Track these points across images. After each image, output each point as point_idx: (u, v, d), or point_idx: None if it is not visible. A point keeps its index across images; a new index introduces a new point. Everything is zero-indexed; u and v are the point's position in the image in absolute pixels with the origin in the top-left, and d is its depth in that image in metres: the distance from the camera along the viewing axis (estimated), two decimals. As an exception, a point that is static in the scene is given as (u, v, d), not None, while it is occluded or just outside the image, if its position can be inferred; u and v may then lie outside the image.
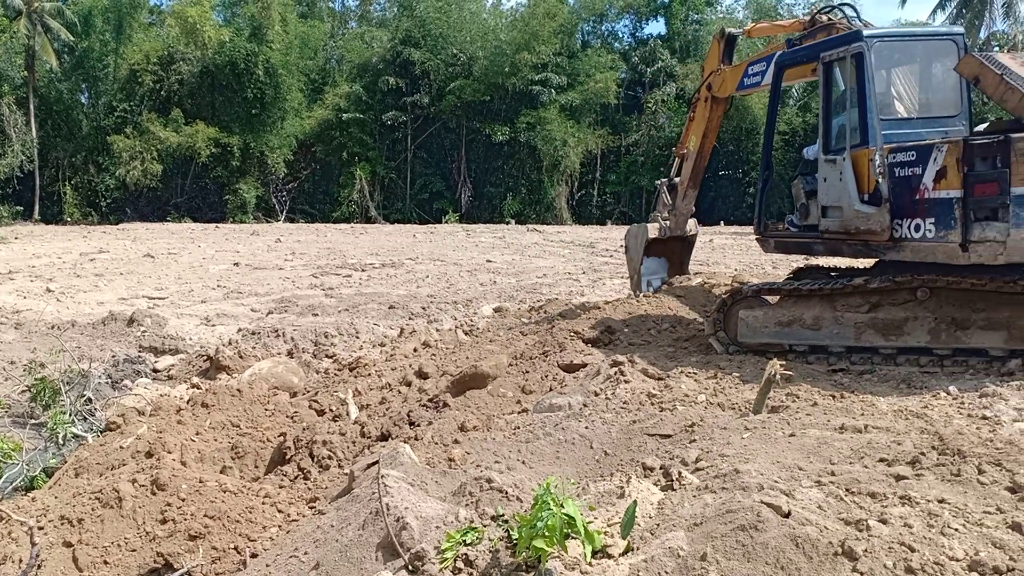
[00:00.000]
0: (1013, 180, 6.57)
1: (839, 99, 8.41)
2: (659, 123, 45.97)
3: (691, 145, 12.44)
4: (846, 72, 8.12)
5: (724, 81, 11.75)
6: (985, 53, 8.32)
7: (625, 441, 6.00)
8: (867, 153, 7.75)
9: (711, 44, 12.54)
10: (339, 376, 9.37)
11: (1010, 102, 7.07)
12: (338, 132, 47.53)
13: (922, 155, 7.27)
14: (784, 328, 8.42)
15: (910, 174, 7.35)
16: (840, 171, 8.00)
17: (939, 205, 7.09)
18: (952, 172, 6.94)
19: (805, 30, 10.01)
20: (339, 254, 23.73)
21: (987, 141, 6.79)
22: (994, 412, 6.20)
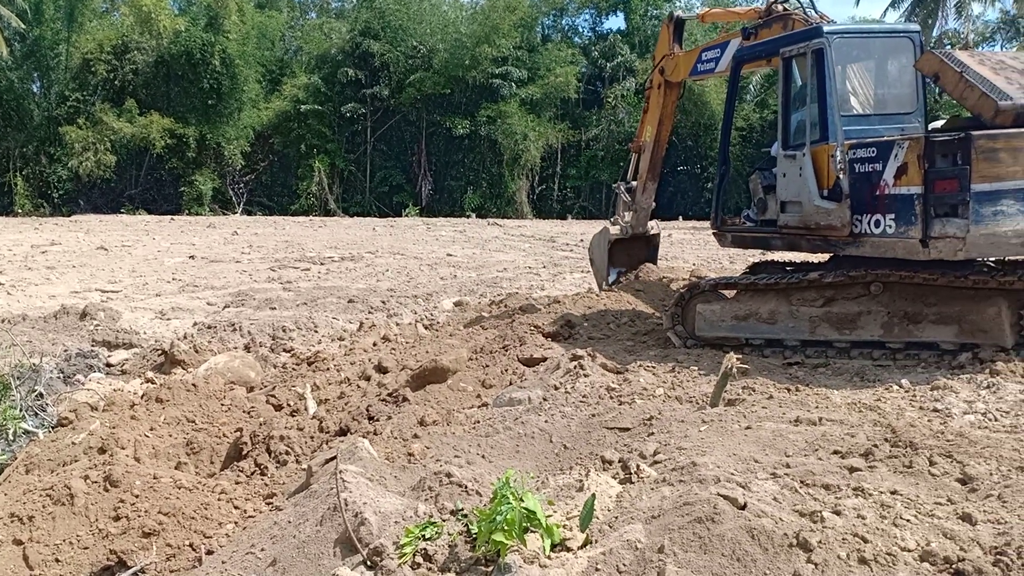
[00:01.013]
0: (973, 177, 6.67)
1: (798, 94, 8.48)
2: (619, 118, 46.14)
3: (647, 136, 12.42)
4: (806, 68, 8.18)
5: (677, 65, 11.75)
6: (944, 50, 8.47)
7: (584, 435, 6.03)
8: (827, 149, 7.84)
9: (661, 29, 12.56)
10: (297, 370, 9.28)
11: (970, 99, 7.18)
12: (296, 124, 47.03)
13: (883, 151, 7.36)
14: (741, 322, 8.51)
15: (870, 170, 7.44)
16: (800, 166, 8.08)
17: (899, 201, 7.18)
18: (913, 168, 7.03)
19: (760, 19, 10.04)
20: (297, 247, 23.52)
21: (948, 138, 6.89)
22: (945, 405, 6.33)
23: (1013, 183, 6.73)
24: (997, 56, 7.99)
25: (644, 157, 12.43)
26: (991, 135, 6.75)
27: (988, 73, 7.16)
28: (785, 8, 9.78)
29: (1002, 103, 6.84)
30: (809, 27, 8.74)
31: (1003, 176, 6.71)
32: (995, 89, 6.92)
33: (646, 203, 12.56)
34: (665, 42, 12.07)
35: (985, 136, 6.72)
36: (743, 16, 11.51)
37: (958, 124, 7.77)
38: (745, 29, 10.11)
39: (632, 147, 12.92)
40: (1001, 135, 6.76)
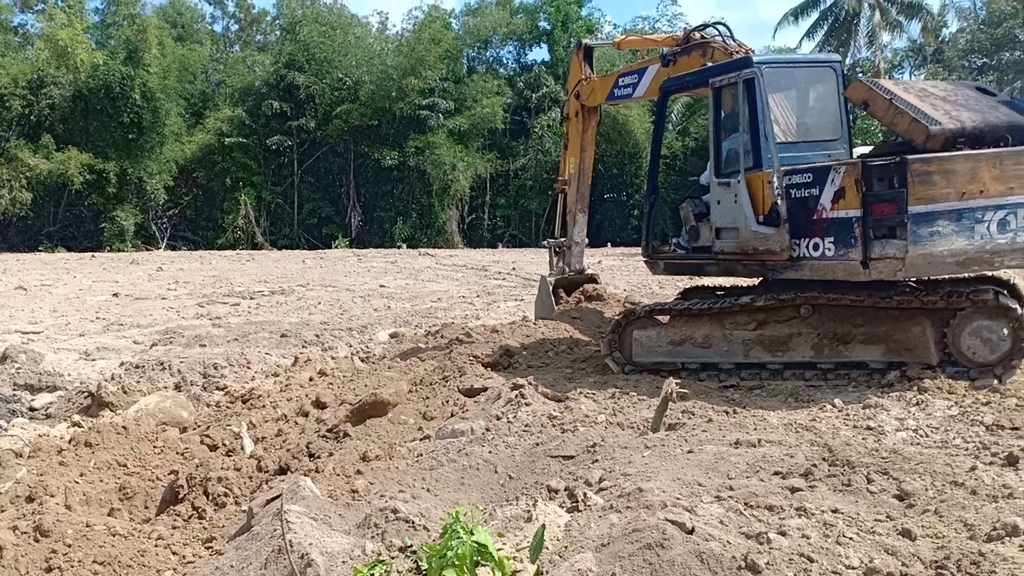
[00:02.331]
0: (910, 199, 6.91)
1: (729, 123, 8.65)
2: (546, 147, 46.57)
3: (571, 168, 12.52)
4: (737, 97, 8.36)
5: (593, 90, 11.93)
6: (872, 79, 8.81)
7: (529, 464, 6.02)
8: (761, 175, 8.02)
9: (571, 58, 12.75)
10: (232, 409, 9.07)
11: (900, 125, 7.48)
12: (221, 157, 46.28)
13: (819, 177, 7.57)
14: (676, 347, 8.65)
15: (807, 195, 7.64)
16: (735, 194, 8.25)
17: (838, 224, 7.38)
18: (851, 192, 7.25)
19: (679, 46, 10.25)
20: (225, 282, 23.06)
21: (885, 163, 7.14)
22: (878, 423, 6.52)
23: (947, 204, 6.99)
24: (919, 84, 8.38)
25: (571, 190, 12.51)
26: (925, 159, 7.02)
27: (914, 100, 7.48)
28: (703, 36, 10.02)
29: (932, 128, 7.17)
30: (738, 57, 8.98)
31: (937, 198, 6.97)
32: (924, 115, 7.24)
33: (579, 236, 12.65)
34: (577, 69, 12.28)
35: (920, 160, 6.99)
36: (660, 43, 11.77)
37: (887, 149, 8.06)
38: (664, 56, 10.34)
39: (558, 187, 13.00)
40: (934, 159, 7.04)
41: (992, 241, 7.17)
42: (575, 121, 12.38)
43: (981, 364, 7.54)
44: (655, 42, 12.85)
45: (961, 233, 7.07)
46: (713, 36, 9.99)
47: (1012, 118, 7.69)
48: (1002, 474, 4.87)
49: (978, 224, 7.10)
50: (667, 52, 10.39)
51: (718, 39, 9.87)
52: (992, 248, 7.18)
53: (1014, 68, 37.38)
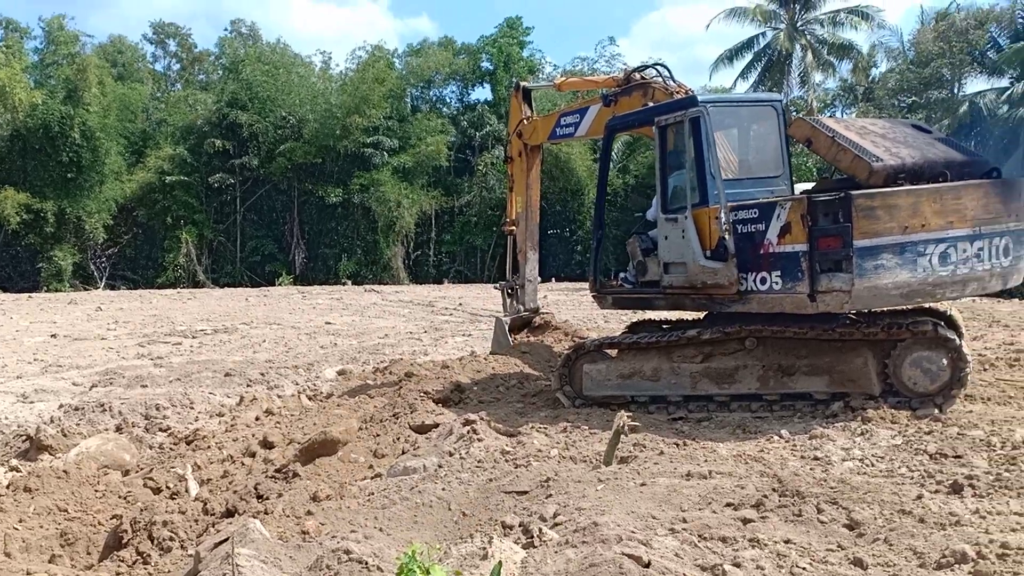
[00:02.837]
0: (855, 234, 7.07)
1: (675, 161, 8.78)
2: (490, 184, 46.85)
3: (518, 207, 12.66)
4: (683, 135, 8.49)
5: (536, 129, 12.14)
6: (814, 118, 9.07)
7: (483, 500, 6.00)
8: (708, 211, 8.14)
9: (511, 100, 12.89)
10: (175, 450, 8.87)
11: (843, 162, 7.68)
12: (162, 195, 45.54)
13: (765, 212, 7.71)
14: (626, 380, 8.72)
15: (753, 230, 7.77)
16: (682, 229, 8.36)
17: (785, 259, 7.51)
18: (797, 227, 7.39)
19: (619, 87, 10.46)
20: (167, 321, 22.60)
21: (830, 198, 7.29)
22: (824, 453, 6.63)
23: (890, 238, 7.18)
24: (859, 122, 8.65)
25: (520, 228, 12.63)
26: (869, 195, 7.21)
27: (855, 137, 7.71)
28: (643, 77, 10.22)
29: (875, 164, 7.40)
30: (683, 97, 9.17)
31: (881, 232, 7.15)
32: (866, 152, 7.47)
33: (531, 275, 12.73)
34: (517, 110, 12.48)
35: (863, 196, 7.18)
36: (601, 84, 12.00)
37: (830, 185, 8.28)
38: (606, 96, 10.53)
39: (506, 228, 13.09)
40: (877, 194, 7.24)
41: (934, 274, 7.37)
42: (519, 161, 12.54)
43: (922, 394, 7.73)
44: (596, 83, 13.08)
45: (904, 266, 7.25)
46: (653, 77, 10.21)
47: (948, 154, 7.98)
48: (948, 502, 4.98)
49: (920, 257, 7.30)
50: (608, 93, 10.58)
51: (658, 80, 10.08)
52: (934, 280, 7.39)
53: (942, 106, 38.79)
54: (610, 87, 10.97)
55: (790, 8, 44.29)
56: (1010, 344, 11.67)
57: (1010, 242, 7.78)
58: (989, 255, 7.63)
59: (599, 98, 10.94)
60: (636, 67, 10.73)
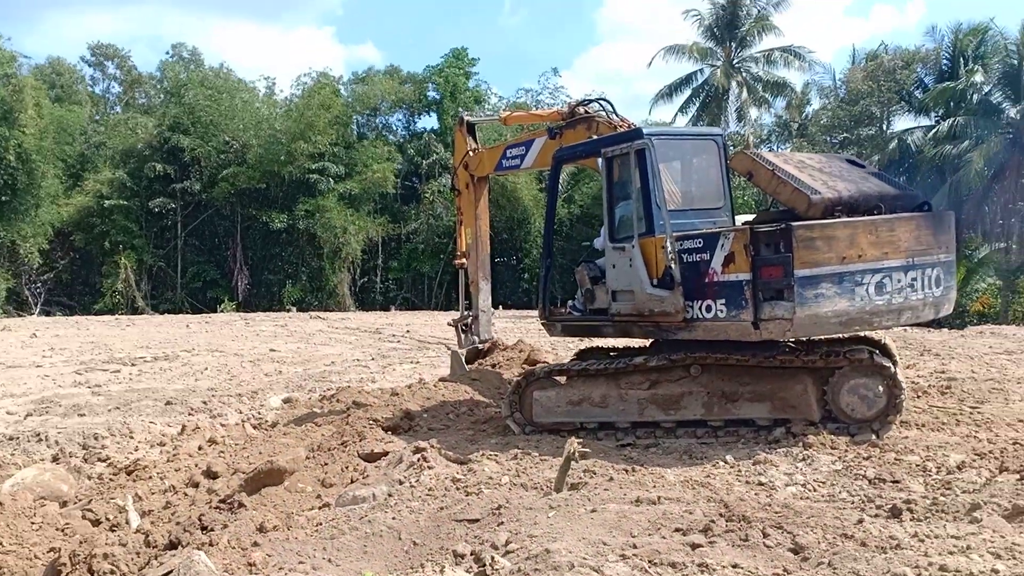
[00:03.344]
0: (796, 263, 7.26)
1: (621, 191, 8.93)
2: (437, 212, 46.94)
3: (468, 239, 12.75)
4: (629, 166, 8.65)
5: (482, 161, 12.30)
6: (754, 151, 9.33)
7: (434, 529, 5.99)
8: (654, 241, 8.29)
9: (455, 133, 13.02)
10: (115, 481, 8.68)
11: (783, 194, 7.90)
12: (100, 219, 44.63)
13: (709, 242, 7.88)
14: (575, 407, 8.79)
15: (698, 260, 7.93)
16: (630, 258, 8.48)
17: (729, 287, 7.67)
18: (740, 257, 7.56)
19: (563, 120, 10.65)
20: (105, 348, 22.08)
21: (771, 229, 7.49)
22: (768, 478, 6.77)
23: (829, 268, 7.39)
24: (796, 156, 8.92)
25: (471, 259, 12.71)
26: (809, 226, 7.42)
27: (794, 171, 7.96)
28: (587, 111, 10.42)
29: (813, 197, 7.63)
30: (629, 129, 9.38)
31: (821, 262, 7.36)
32: (805, 185, 7.72)
33: (485, 305, 12.81)
34: (462, 142, 12.64)
35: (804, 227, 7.39)
36: (546, 117, 12.24)
37: (770, 217, 8.50)
38: (551, 129, 10.72)
39: (457, 263, 13.17)
40: (817, 225, 7.46)
41: (871, 303, 7.60)
42: (467, 193, 12.68)
43: (859, 420, 7.95)
44: (541, 117, 13.31)
45: (843, 295, 7.46)
46: (597, 111, 10.42)
47: (882, 188, 8.29)
48: (888, 526, 5.13)
49: (858, 287, 7.52)
50: (554, 126, 10.79)
51: (602, 114, 10.31)
52: (871, 309, 7.63)
53: (871, 143, 40.12)
54: (555, 120, 11.16)
55: (726, 46, 45.58)
56: (941, 372, 12.05)
57: (941, 272, 8.10)
58: (922, 285, 7.92)
59: (544, 131, 11.11)
60: (580, 101, 10.87)
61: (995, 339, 16.46)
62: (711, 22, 45.23)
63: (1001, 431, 7.88)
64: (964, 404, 9.25)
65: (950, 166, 35.25)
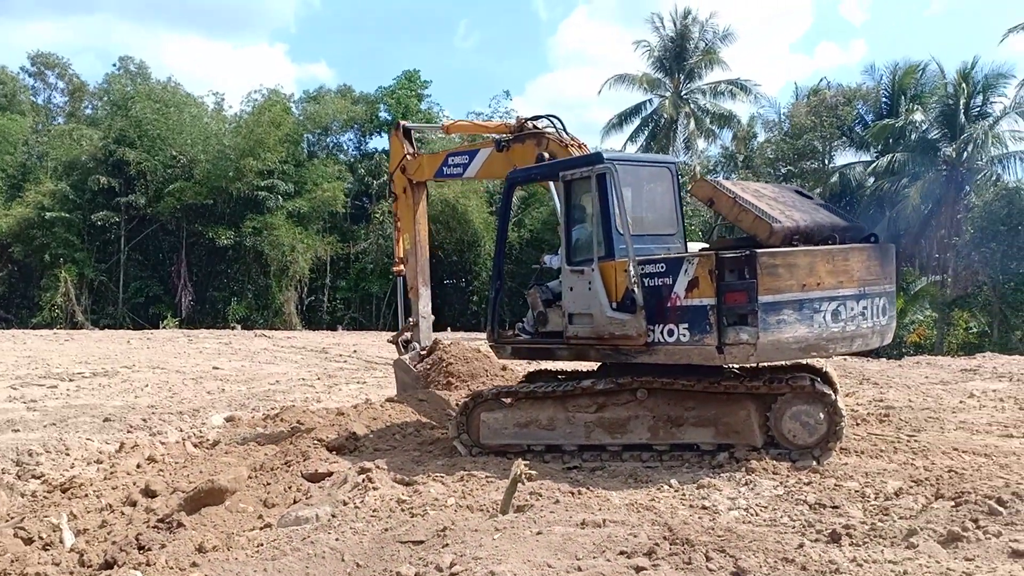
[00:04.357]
0: (760, 290, 7.38)
1: (579, 214, 8.93)
2: (387, 232, 46.62)
3: (407, 244, 12.51)
4: (588, 190, 8.65)
5: (421, 166, 12.11)
6: (715, 179, 9.48)
7: (378, 550, 5.92)
8: (615, 265, 8.30)
9: (391, 138, 12.86)
10: (50, 499, 8.43)
11: (744, 222, 8.02)
12: (40, 231, 43.59)
13: (672, 267, 7.92)
14: (522, 429, 8.80)
15: (660, 284, 7.96)
16: (589, 281, 8.45)
17: (692, 312, 7.71)
18: (705, 282, 7.62)
19: (511, 133, 10.56)
20: (41, 363, 21.51)
21: (736, 255, 7.57)
22: (711, 502, 6.84)
23: (790, 295, 7.54)
24: (752, 185, 9.10)
25: (410, 266, 12.48)
26: (772, 253, 7.56)
27: (752, 199, 8.10)
28: (536, 127, 10.36)
29: (775, 225, 7.77)
30: (579, 148, 9.47)
31: (783, 289, 7.50)
32: (766, 214, 7.87)
33: (425, 311, 12.57)
34: (399, 147, 12.40)
35: (767, 254, 7.52)
36: (492, 129, 12.08)
37: (727, 244, 8.61)
38: (498, 141, 10.63)
39: (396, 270, 12.95)
40: (779, 253, 7.60)
41: (828, 329, 7.77)
42: (404, 198, 12.43)
43: (801, 446, 8.08)
44: (486, 128, 13.14)
45: (803, 321, 7.61)
46: (547, 128, 10.35)
47: (832, 219, 8.51)
48: (827, 550, 5.21)
49: (816, 314, 7.69)
50: (501, 138, 10.70)
51: (551, 130, 10.24)
52: (828, 336, 7.80)
53: (814, 176, 41.22)
54: (502, 133, 11.09)
55: (675, 78, 46.44)
56: (880, 400, 12.33)
57: (886, 302, 8.37)
58: (872, 313, 8.16)
59: (491, 142, 11.04)
60: (531, 117, 10.75)
61: (931, 369, 16.89)
62: (660, 54, 46.07)
63: (937, 459, 8.08)
64: (901, 432, 9.46)
65: (889, 200, 36.34)
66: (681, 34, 45.60)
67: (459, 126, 13.94)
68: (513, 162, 10.40)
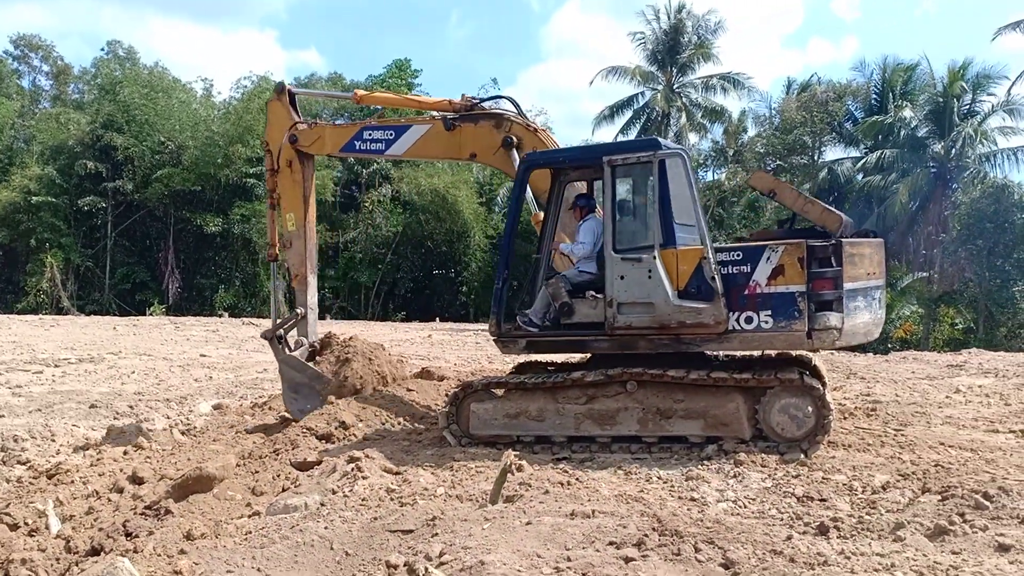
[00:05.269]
0: (844, 277, 7.77)
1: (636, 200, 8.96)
2: (376, 222, 46.65)
3: (290, 225, 11.06)
4: (646, 175, 8.56)
5: (321, 138, 10.88)
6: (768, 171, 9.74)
7: (367, 539, 5.93)
8: (676, 252, 8.28)
9: (271, 104, 11.41)
10: (35, 485, 8.40)
11: (812, 213, 8.33)
12: (26, 216, 43.21)
13: (750, 255, 8.10)
14: (512, 420, 8.78)
15: (735, 272, 8.11)
16: (648, 269, 8.28)
17: (777, 299, 7.95)
18: (792, 270, 7.88)
19: (456, 112, 9.95)
20: (27, 348, 21.32)
21: (825, 244, 7.89)
22: (700, 494, 6.87)
23: (860, 283, 8.17)
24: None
25: (294, 250, 11.15)
26: (852, 243, 8.03)
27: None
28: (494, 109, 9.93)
29: (845, 218, 8.12)
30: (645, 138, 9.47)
31: (856, 277, 8.04)
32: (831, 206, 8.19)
33: (312, 302, 11.34)
34: (283, 115, 11.07)
35: (848, 243, 7.95)
36: (429, 105, 11.06)
37: (769, 235, 8.84)
38: (447, 119, 9.94)
39: (271, 256, 11.78)
40: (855, 243, 8.10)
41: (876, 316, 8.52)
42: (289, 173, 10.95)
43: (789, 439, 8.10)
44: (419, 102, 11.76)
45: (867, 308, 8.31)
46: (506, 110, 9.91)
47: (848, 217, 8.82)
48: (815, 543, 5.24)
49: (873, 301, 8.47)
50: (452, 117, 9.96)
51: (511, 112, 9.82)
52: (875, 322, 8.56)
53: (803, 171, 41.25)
54: (443, 110, 10.23)
55: (667, 71, 46.33)
56: (867, 395, 12.39)
57: (883, 295, 8.94)
58: (879, 305, 8.81)
59: (428, 119, 10.40)
60: (486, 97, 10.27)
61: (917, 364, 16.97)
62: (653, 47, 45.97)
63: (924, 453, 8.12)
64: (888, 426, 9.51)
65: (877, 196, 36.48)
66: (675, 27, 45.50)
67: (378, 98, 12.37)
68: (461, 143, 9.92)
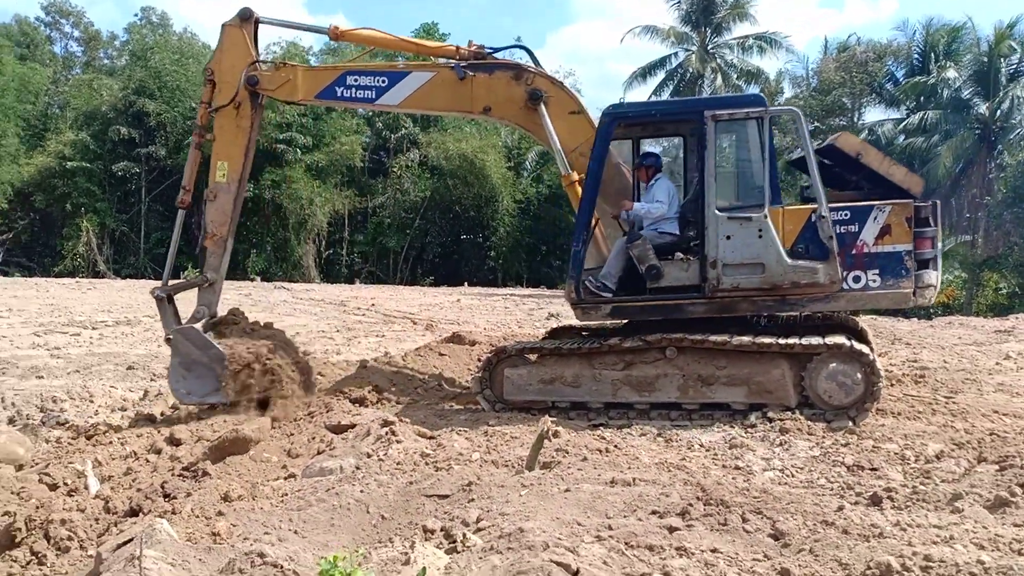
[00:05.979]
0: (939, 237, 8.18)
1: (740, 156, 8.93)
2: (404, 187, 46.55)
3: (220, 175, 9.44)
4: (758, 133, 8.34)
5: (292, 81, 9.34)
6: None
7: (403, 503, 5.82)
8: (783, 211, 8.22)
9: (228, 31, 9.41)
10: (74, 445, 8.38)
11: (897, 175, 8.38)
12: (62, 181, 43.57)
13: (858, 215, 8.15)
14: (547, 386, 8.63)
15: (843, 232, 8.14)
16: (759, 228, 8.12)
17: (885, 258, 8.08)
18: (900, 229, 8.06)
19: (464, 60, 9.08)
20: (65, 311, 21.53)
21: (926, 204, 8.16)
22: (745, 462, 6.67)
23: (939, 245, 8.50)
24: None
25: (219, 205, 9.54)
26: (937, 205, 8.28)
27: None
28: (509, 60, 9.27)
29: (923, 181, 8.33)
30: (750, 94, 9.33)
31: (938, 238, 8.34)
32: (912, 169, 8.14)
33: (224, 268, 9.98)
34: (244, 47, 9.33)
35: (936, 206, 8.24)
36: (430, 50, 10.09)
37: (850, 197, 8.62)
38: (458, 67, 9.02)
39: (182, 203, 9.93)
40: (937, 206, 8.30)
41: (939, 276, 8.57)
42: (235, 117, 9.31)
43: (837, 407, 7.90)
44: (417, 46, 10.17)
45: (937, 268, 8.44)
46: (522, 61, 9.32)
47: None
48: (868, 514, 5.04)
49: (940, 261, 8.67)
50: (458, 64, 9.06)
51: (531, 65, 9.15)
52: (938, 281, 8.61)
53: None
54: (446, 55, 9.40)
55: (702, 31, 45.38)
56: (914, 361, 12.10)
57: None
58: None
59: (432, 65, 9.55)
60: (501, 47, 9.37)
61: (963, 330, 16.61)
62: (688, 7, 45.01)
63: (977, 421, 7.88)
64: (938, 394, 9.25)
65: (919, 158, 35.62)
66: (710, -13, 44.50)
67: (362, 35, 9.92)
68: (473, 95, 9.03)
